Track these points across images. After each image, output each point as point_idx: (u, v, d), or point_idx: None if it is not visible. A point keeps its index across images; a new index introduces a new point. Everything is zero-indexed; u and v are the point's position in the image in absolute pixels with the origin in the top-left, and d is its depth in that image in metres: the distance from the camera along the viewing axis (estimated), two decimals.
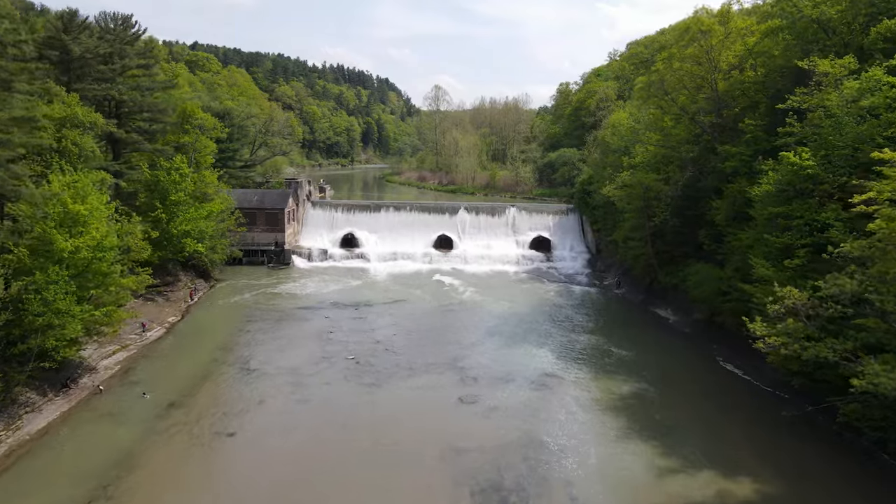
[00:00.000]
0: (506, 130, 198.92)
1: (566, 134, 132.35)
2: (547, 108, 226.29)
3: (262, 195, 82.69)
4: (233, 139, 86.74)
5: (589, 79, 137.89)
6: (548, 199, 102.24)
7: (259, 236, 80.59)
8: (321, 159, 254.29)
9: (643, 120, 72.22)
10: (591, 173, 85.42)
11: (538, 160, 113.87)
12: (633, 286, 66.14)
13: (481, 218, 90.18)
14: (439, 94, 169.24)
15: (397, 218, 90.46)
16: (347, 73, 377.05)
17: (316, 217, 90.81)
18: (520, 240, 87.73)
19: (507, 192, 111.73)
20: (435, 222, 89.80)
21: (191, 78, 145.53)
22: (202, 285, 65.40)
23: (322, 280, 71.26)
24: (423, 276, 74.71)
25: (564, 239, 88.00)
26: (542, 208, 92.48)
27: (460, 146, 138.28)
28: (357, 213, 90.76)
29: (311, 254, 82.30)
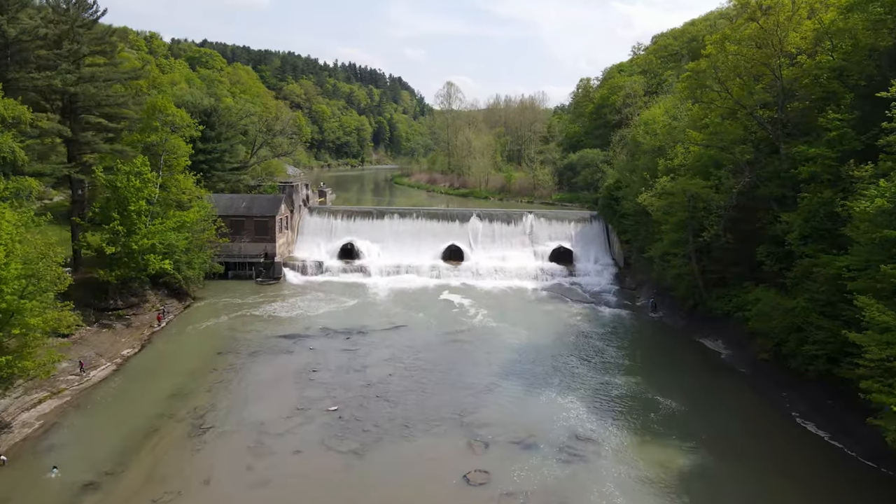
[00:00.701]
0: (521, 130, 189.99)
1: (587, 133, 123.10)
2: (564, 106, 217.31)
3: (251, 201, 74.25)
4: (221, 139, 78.53)
5: (611, 74, 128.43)
6: (568, 204, 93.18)
7: (247, 247, 72.17)
8: (330, 159, 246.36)
9: (682, 116, 62.96)
10: (617, 177, 76.17)
11: (557, 162, 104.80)
12: (672, 309, 56.91)
13: (495, 226, 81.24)
14: (452, 92, 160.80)
15: (402, 226, 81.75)
16: (359, 72, 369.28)
17: (313, 225, 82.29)
18: (538, 251, 78.70)
19: (523, 196, 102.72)
20: (444, 231, 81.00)
21: (189, 74, 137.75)
22: (174, 306, 56.98)
23: (314, 298, 62.66)
24: (430, 294, 65.90)
25: (588, 250, 78.83)
26: (563, 215, 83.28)
27: (473, 146, 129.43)
28: (358, 221, 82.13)
29: (304, 267, 73.74)
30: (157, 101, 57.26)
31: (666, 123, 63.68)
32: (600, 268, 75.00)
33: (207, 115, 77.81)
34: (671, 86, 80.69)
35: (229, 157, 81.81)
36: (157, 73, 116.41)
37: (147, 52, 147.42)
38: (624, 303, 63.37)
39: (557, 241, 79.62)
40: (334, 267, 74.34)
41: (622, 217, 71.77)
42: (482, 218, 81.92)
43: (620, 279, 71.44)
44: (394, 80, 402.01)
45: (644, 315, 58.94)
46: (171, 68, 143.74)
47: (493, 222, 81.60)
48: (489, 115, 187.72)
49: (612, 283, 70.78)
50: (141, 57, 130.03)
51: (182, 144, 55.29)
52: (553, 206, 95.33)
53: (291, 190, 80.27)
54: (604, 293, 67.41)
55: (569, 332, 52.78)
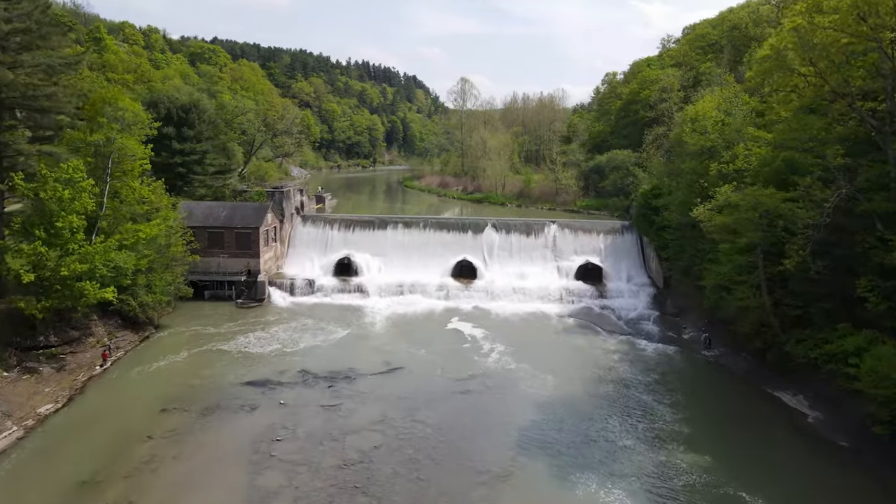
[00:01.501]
0: (540, 129, 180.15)
1: (613, 132, 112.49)
2: (583, 105, 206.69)
3: (233, 210, 64.62)
4: (202, 138, 69.09)
5: (638, 68, 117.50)
6: (595, 212, 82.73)
7: (227, 263, 62.57)
8: (340, 160, 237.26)
9: (738, 111, 52.52)
10: (655, 182, 65.76)
11: (582, 164, 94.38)
12: (732, 348, 46.44)
13: (513, 238, 71.06)
14: (466, 88, 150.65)
15: (407, 237, 71.79)
16: (373, 70, 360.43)
17: (306, 236, 72.56)
18: (563, 267, 68.40)
19: (544, 202, 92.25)
20: (455, 243, 70.95)
21: (184, 70, 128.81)
22: (128, 339, 47.40)
23: (299, 327, 52.95)
24: (436, 321, 55.93)
25: (619, 266, 68.42)
26: (591, 226, 72.84)
27: (489, 147, 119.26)
28: (357, 232, 72.27)
29: (293, 286, 64.00)
30: (105, 93, 47.66)
31: (718, 120, 53.17)
32: (635, 288, 64.53)
33: (185, 112, 68.38)
34: (718, 77, 70.11)
35: (212, 158, 72.30)
36: (148, 69, 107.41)
37: (142, 47, 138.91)
38: (668, 334, 52.91)
39: (584, 256, 69.25)
40: (328, 286, 64.50)
41: (661, 229, 61.37)
42: (498, 228, 71.81)
43: (660, 302, 60.96)
44: (408, 79, 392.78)
45: (695, 352, 48.50)
46: (166, 63, 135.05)
47: (511, 233, 71.46)
48: (506, 114, 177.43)
49: (650, 308, 60.32)
50: (133, 51, 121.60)
51: (134, 145, 45.60)
52: (578, 214, 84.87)
53: (281, 196, 70.60)
54: (641, 321, 57.00)
55: (605, 377, 42.50)
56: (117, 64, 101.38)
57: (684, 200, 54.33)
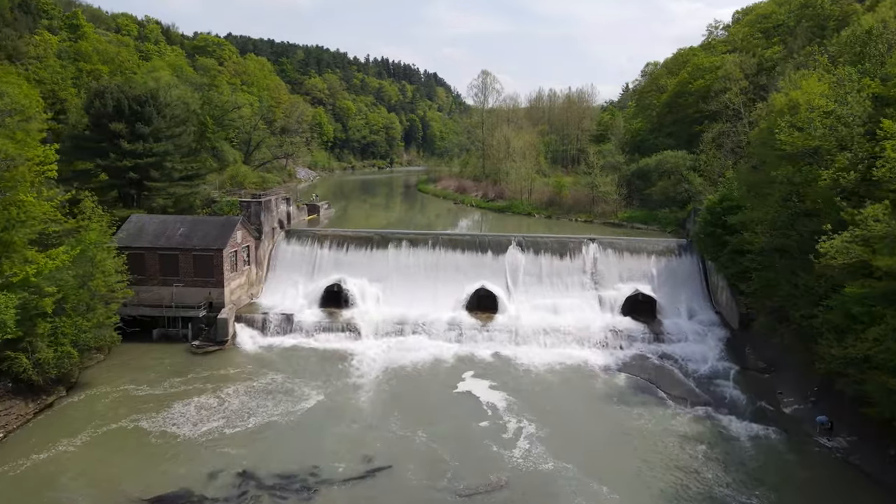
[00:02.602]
0: (568, 128, 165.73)
1: (654, 130, 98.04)
2: (612, 102, 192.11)
3: (192, 227, 51.59)
4: (161, 136, 56.21)
5: (685, 57, 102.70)
6: (642, 227, 68.36)
7: (182, 294, 49.67)
8: (354, 160, 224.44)
9: (858, 100, 38.36)
10: (726, 192, 51.60)
11: (622, 167, 79.83)
12: (868, 437, 32.21)
13: (544, 259, 57.45)
14: (487, 83, 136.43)
15: (413, 258, 58.52)
16: (392, 67, 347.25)
17: (290, 256, 59.59)
18: (606, 298, 54.66)
19: (577, 212, 77.56)
20: (471, 266, 57.56)
21: (177, 62, 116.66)
22: (15, 413, 34.52)
23: (261, 388, 39.91)
24: (444, 378, 42.49)
25: (677, 297, 54.56)
26: (639, 244, 58.81)
27: (512, 147, 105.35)
28: (352, 251, 59.13)
29: (266, 322, 50.91)
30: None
31: (827, 111, 38.93)
32: (700, 328, 50.41)
33: (140, 105, 55.50)
34: (809, 59, 55.78)
35: (178, 161, 59.36)
36: (128, 58, 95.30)
37: (134, 38, 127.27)
38: (759, 405, 38.74)
39: (632, 284, 55.45)
40: (310, 322, 51.27)
41: (737, 254, 47.21)
42: (525, 247, 58.17)
43: (737, 351, 46.75)
44: (429, 76, 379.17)
45: (806, 438, 34.32)
46: (159, 55, 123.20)
47: (541, 254, 57.81)
48: (531, 112, 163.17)
49: (724, 358, 46.20)
50: (119, 40, 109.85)
51: (10, 146, 32.60)
52: (620, 228, 70.53)
53: (259, 208, 57.59)
54: (717, 379, 42.86)
55: (686, 489, 28.62)
56: (91, 53, 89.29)
57: (776, 219, 40.41)
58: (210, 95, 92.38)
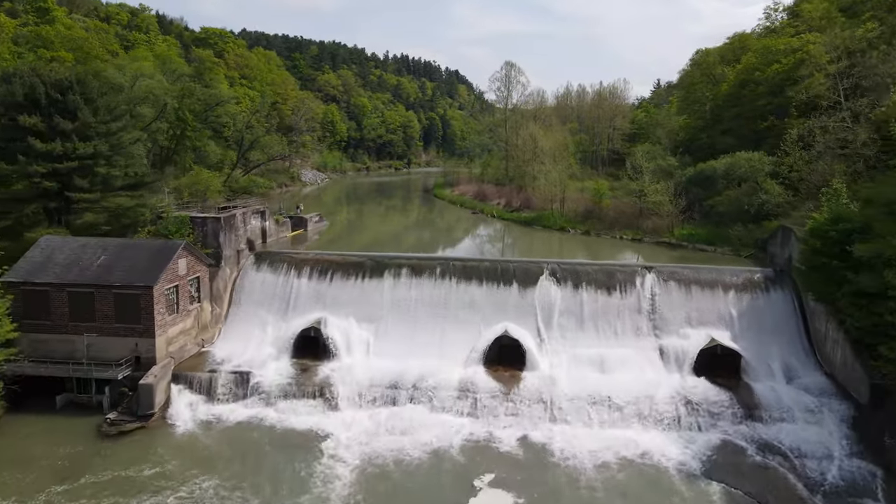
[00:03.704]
0: (599, 126, 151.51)
1: (707, 128, 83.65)
2: (644, 98, 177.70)
3: (117, 253, 38.63)
4: (89, 135, 43.35)
5: (742, 41, 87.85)
6: (707, 248, 53.54)
7: (99, 345, 36.94)
8: (369, 161, 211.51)
9: None
10: (841, 211, 37.55)
11: (675, 172, 65.02)
12: None
13: (585, 295, 43.88)
14: (511, 75, 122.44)
15: (415, 291, 45.40)
16: (412, 64, 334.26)
17: (260, 288, 46.61)
18: (670, 348, 41.09)
19: (622, 227, 62.98)
20: (490, 303, 44.30)
21: (166, 53, 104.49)
22: None
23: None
24: (448, 490, 28.97)
25: (766, 349, 40.91)
26: (711, 276, 44.69)
27: (540, 147, 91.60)
28: (339, 282, 46.09)
29: (213, 384, 37.90)
30: None
31: None
32: (809, 401, 36.31)
33: (61, 93, 42.69)
34: None
35: (114, 166, 46.43)
36: (96, 45, 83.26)
37: (122, 27, 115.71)
38: None
39: (704, 329, 41.83)
40: (273, 384, 38.14)
41: (865, 297, 33.19)
42: (561, 279, 44.62)
43: (872, 441, 32.58)
44: (450, 74, 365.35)
45: None
46: (148, 44, 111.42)
47: (582, 287, 44.24)
48: (558, 111, 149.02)
49: (856, 453, 32.23)
50: (95, 26, 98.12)
51: None
52: (680, 249, 55.92)
53: (217, 226, 44.74)
54: (858, 499, 28.70)
55: None
56: (54, 39, 77.34)
57: None
58: (191, 87, 79.85)
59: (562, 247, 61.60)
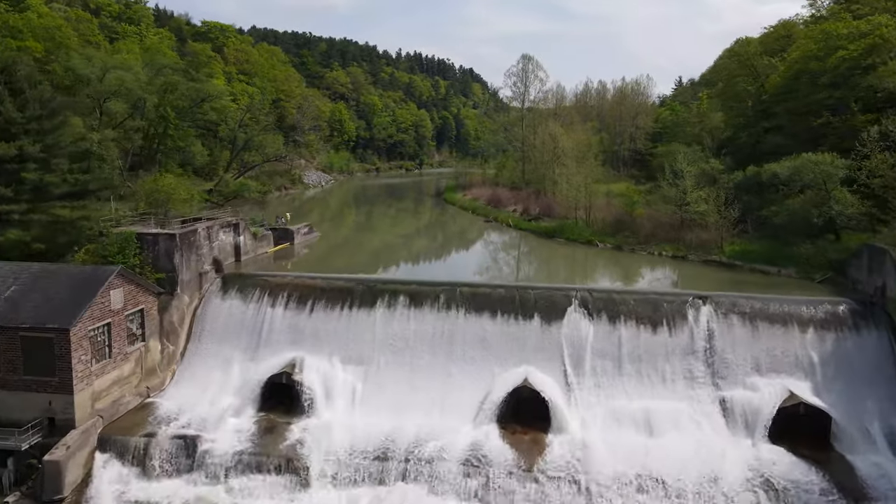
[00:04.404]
0: (622, 125, 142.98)
1: (749, 126, 74.37)
2: (665, 96, 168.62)
3: (30, 283, 30.37)
4: (14, 133, 35.23)
5: (788, 29, 78.47)
6: (768, 268, 44.15)
7: (3, 402, 28.64)
8: (378, 162, 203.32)
9: None
10: None
11: (721, 177, 55.69)
12: None
13: (624, 332, 35.25)
14: (529, 69, 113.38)
15: (414, 325, 37.08)
16: (425, 62, 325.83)
17: (225, 319, 38.40)
18: (736, 403, 32.70)
19: (660, 241, 53.31)
20: (505, 340, 35.90)
21: (156, 45, 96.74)
22: None
23: None
24: None
25: (860, 405, 32.40)
26: (782, 309, 35.60)
27: (561, 147, 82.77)
28: (321, 312, 37.82)
29: (149, 453, 29.43)
30: None
31: None
32: None
33: None
34: None
35: (51, 168, 38.29)
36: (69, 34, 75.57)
37: (113, 18, 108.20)
38: None
39: (778, 378, 33.35)
40: (227, 451, 29.84)
41: None
42: (593, 310, 36.10)
43: None
44: (464, 72, 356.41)
45: None
46: (139, 36, 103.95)
47: (620, 322, 35.63)
48: (577, 110, 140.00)
49: None
50: (76, 16, 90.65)
51: None
52: (732, 270, 46.33)
53: (171, 245, 36.51)
54: None
55: None
56: (23, 28, 69.74)
57: None
58: (174, 81, 71.85)
59: (591, 265, 52.45)
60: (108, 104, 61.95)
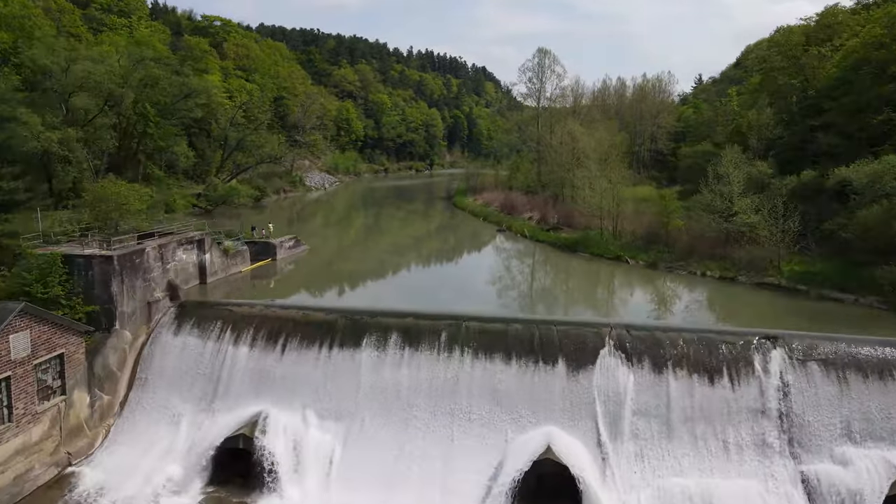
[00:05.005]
0: (642, 124, 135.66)
1: (792, 124, 66.52)
2: (687, 94, 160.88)
3: None
4: None
5: (835, 16, 70.42)
6: (840, 295, 36.45)
7: None
8: (387, 163, 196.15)
9: None
10: None
11: (773, 182, 48.01)
12: None
13: (673, 383, 27.86)
14: (545, 63, 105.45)
15: (407, 371, 29.85)
16: (437, 60, 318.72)
17: (177, 359, 31.32)
18: (821, 481, 24.93)
19: (702, 257, 45.51)
20: (520, 391, 28.72)
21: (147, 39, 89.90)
22: None
23: None
24: None
25: None
26: (874, 353, 27.87)
27: (581, 147, 75.17)
28: (294, 353, 30.55)
29: None
30: None
31: None
32: None
33: None
34: None
35: None
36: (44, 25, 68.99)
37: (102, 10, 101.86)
38: None
39: (876, 447, 25.41)
40: None
41: None
42: (633, 353, 28.68)
43: None
44: (477, 70, 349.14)
45: None
46: (129, 29, 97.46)
47: (667, 369, 28.16)
48: (594, 108, 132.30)
49: None
50: (55, 6, 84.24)
51: None
52: (797, 297, 38.65)
53: (108, 268, 29.38)
54: None
55: None
56: None
57: None
58: (155, 75, 64.96)
59: (623, 289, 44.53)
60: (73, 99, 55.13)
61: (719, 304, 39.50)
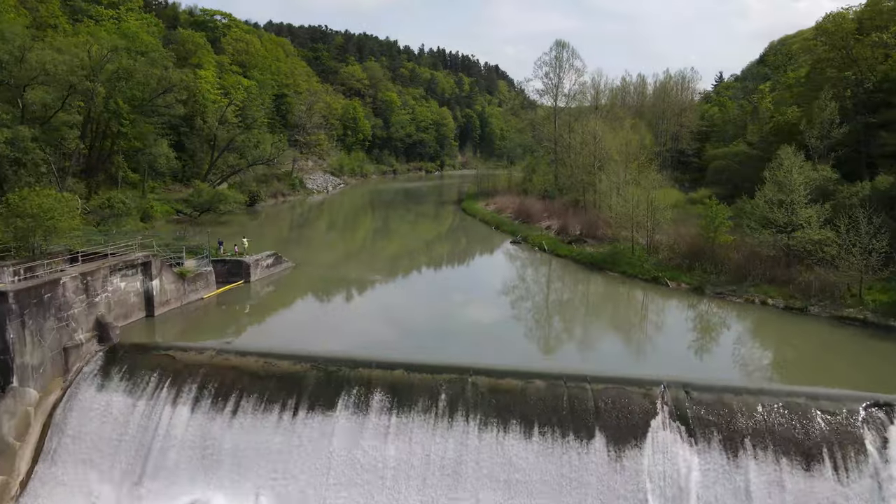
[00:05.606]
0: (665, 122, 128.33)
1: (844, 121, 58.74)
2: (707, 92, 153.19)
3: None
4: None
5: None
6: None
7: None
8: (396, 164, 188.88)
9: None
10: None
11: (842, 190, 40.59)
12: None
13: (754, 468, 20.27)
14: (563, 57, 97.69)
15: (395, 447, 22.09)
16: (449, 58, 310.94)
17: (99, 424, 24.11)
18: None
19: (757, 280, 38.33)
20: (542, 476, 20.82)
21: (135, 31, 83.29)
22: None
23: None
24: None
25: None
26: None
27: (605, 148, 67.55)
28: (248, 416, 23.24)
29: None
30: None
31: None
32: None
33: None
34: None
35: None
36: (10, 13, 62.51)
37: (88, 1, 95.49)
38: None
39: None
40: None
41: None
42: (695, 425, 21.17)
43: None
44: (489, 69, 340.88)
45: None
46: (117, 20, 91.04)
47: (745, 449, 20.61)
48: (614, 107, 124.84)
49: None
50: None
51: None
52: (891, 333, 31.30)
53: (5, 310, 22.16)
54: None
55: None
56: None
57: None
58: (128, 67, 58.13)
59: (669, 324, 36.60)
60: (29, 93, 48.41)
61: (796, 346, 31.68)
